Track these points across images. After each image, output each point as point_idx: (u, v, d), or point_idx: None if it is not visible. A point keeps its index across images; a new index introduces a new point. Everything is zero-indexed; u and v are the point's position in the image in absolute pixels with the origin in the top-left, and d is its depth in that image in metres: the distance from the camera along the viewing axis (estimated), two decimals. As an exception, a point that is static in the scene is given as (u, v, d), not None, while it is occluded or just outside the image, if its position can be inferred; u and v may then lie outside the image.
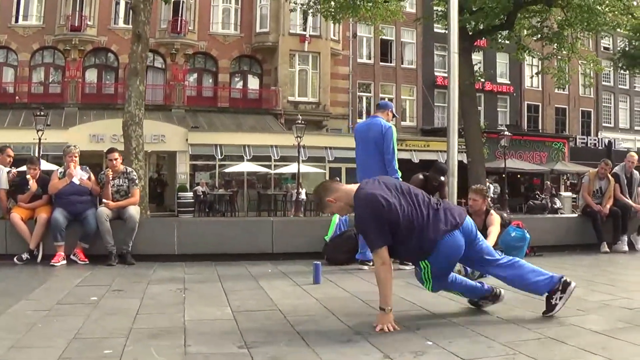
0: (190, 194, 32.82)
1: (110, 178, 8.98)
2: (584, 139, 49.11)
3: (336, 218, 9.16)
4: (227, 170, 35.04)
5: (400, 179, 6.98)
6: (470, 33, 22.49)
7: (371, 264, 8.13)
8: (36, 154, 25.13)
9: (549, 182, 39.17)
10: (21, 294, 6.11)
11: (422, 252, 4.79)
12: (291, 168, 34.19)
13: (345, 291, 6.52)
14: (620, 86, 51.71)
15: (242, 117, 37.78)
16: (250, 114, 38.20)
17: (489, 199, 8.15)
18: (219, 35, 39.02)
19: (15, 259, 8.40)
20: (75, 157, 9.15)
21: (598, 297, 6.05)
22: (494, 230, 7.90)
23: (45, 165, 27.53)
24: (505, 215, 9.40)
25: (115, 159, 9.16)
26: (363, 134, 8.61)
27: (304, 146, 31.64)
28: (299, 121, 31.42)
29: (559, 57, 25.05)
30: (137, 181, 9.36)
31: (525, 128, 47.18)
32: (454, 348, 4.09)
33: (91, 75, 37.57)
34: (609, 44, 47.48)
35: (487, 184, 26.49)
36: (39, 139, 27.21)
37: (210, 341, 4.35)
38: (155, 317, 5.18)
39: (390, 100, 42.77)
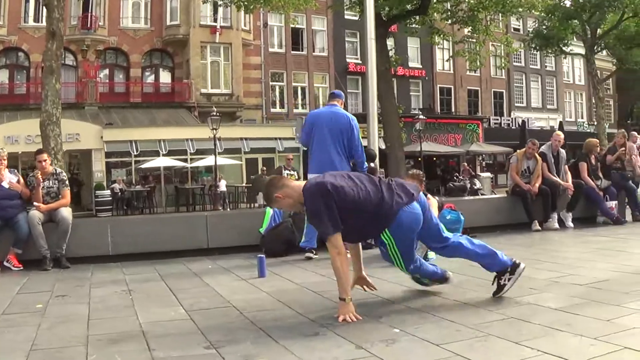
0: (108, 192, 32.11)
1: (41, 180, 8.72)
2: (497, 119, 50.36)
3: (270, 210, 9.11)
4: (143, 166, 34.52)
5: None
6: (384, 19, 22.60)
7: (314, 253, 8.18)
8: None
9: (465, 164, 39.97)
10: None
11: (382, 224, 4.83)
12: (208, 161, 33.96)
13: (294, 283, 6.51)
14: (531, 66, 53.24)
15: (155, 112, 37.29)
16: (164, 108, 37.76)
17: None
18: (129, 30, 38.31)
19: None
20: (4, 160, 8.83)
21: (545, 275, 6.19)
22: (433, 212, 7.98)
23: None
24: (437, 198, 9.54)
25: (45, 160, 8.89)
26: (330, 123, 8.33)
27: (219, 138, 31.35)
28: (214, 113, 31.21)
29: (473, 39, 25.52)
30: (67, 182, 9.11)
31: (439, 111, 48.02)
32: (423, 334, 4.13)
33: (2, 76, 36.48)
34: (519, 25, 48.75)
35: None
36: (-48, 142, 26.20)
37: (174, 344, 4.25)
38: (109, 321, 5.03)
39: (303, 88, 43.05)
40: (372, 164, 10.03)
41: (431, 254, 6.79)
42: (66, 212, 8.70)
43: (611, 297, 5.01)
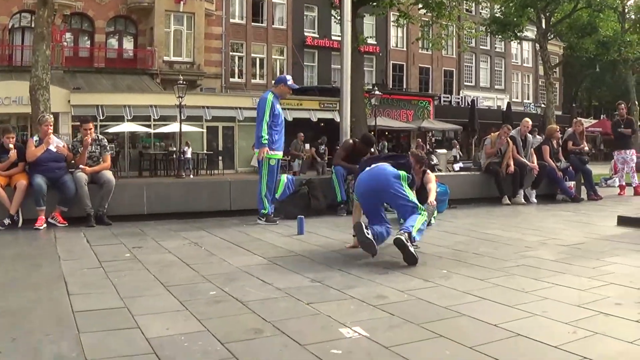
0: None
1: (89, 144, 9.77)
2: (448, 97, 52.05)
3: (284, 178, 10.38)
4: (108, 130, 35.01)
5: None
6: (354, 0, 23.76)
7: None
8: None
9: (419, 140, 41.43)
10: (48, 257, 6.76)
11: None
12: (171, 127, 34.77)
13: (332, 239, 7.82)
14: (481, 47, 54.90)
15: (119, 78, 37.76)
16: (127, 74, 38.27)
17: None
18: (95, -4, 38.66)
19: None
20: (51, 125, 9.83)
21: (533, 238, 7.80)
22: (433, 186, 9.38)
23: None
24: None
25: (90, 129, 9.92)
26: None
27: (183, 106, 32.11)
28: (180, 81, 32.05)
29: (438, 23, 26.92)
30: (107, 147, 10.21)
31: (391, 87, 49.33)
32: (467, 273, 5.66)
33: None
34: (471, 7, 50.31)
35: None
36: None
37: (281, 279, 5.46)
38: (207, 266, 6.13)
39: (261, 59, 43.93)
40: (371, 149, 11.45)
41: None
42: (110, 175, 9.82)
43: (591, 254, 6.62)
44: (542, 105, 43.53)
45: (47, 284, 5.43)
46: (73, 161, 9.88)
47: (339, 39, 13.84)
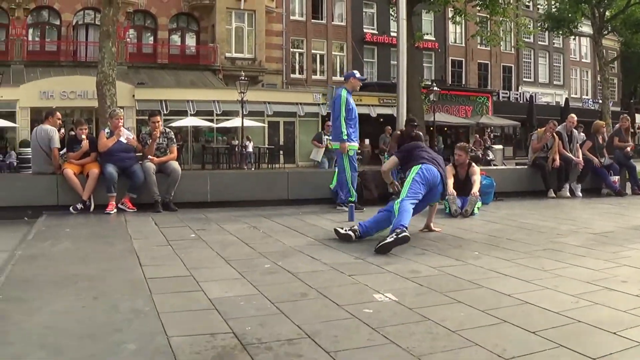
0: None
1: (157, 137, 10.58)
2: (506, 93, 51.97)
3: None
4: (172, 125, 36.02)
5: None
6: (411, -1, 24.29)
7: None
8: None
9: (477, 135, 41.57)
10: (119, 236, 7.50)
11: None
12: (233, 122, 35.67)
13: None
14: (539, 42, 54.66)
15: (182, 74, 38.98)
16: (190, 70, 39.52)
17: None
18: (157, -7, 39.87)
19: (70, 209, 9.71)
20: (122, 118, 10.71)
21: (566, 227, 8.38)
22: (477, 178, 9.99)
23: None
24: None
25: (158, 122, 10.76)
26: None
27: (245, 101, 32.92)
28: (242, 77, 32.91)
29: (492, 20, 27.23)
30: (174, 139, 11.02)
31: (450, 83, 49.60)
32: (496, 254, 6.26)
33: (35, 33, 38.05)
34: (529, 3, 50.07)
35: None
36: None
37: (330, 256, 6.17)
38: (264, 245, 6.87)
39: (321, 56, 44.54)
40: (414, 125, 12.22)
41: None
42: (176, 165, 10.61)
43: (616, 241, 7.18)
44: (600, 101, 43.21)
45: (120, 257, 6.24)
46: (142, 153, 10.65)
47: (397, 35, 14.31)
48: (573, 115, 14.14)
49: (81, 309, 4.27)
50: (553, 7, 37.48)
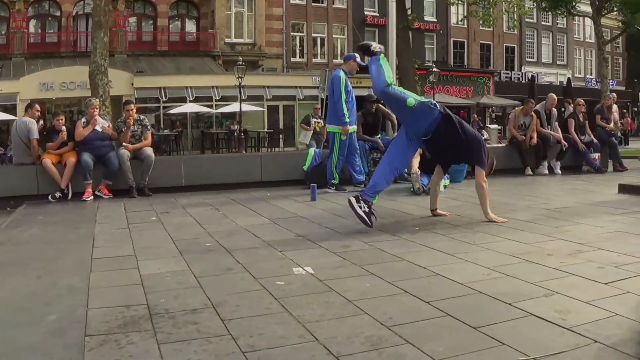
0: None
1: (131, 124, 10.82)
2: (508, 73, 51.87)
3: (312, 151, 11.27)
4: (171, 111, 36.45)
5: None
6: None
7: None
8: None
9: (475, 115, 41.67)
10: (87, 221, 7.75)
11: None
12: (232, 107, 35.89)
13: (339, 204, 8.49)
14: (543, 22, 54.43)
15: (181, 60, 39.16)
16: (190, 57, 39.67)
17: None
18: (156, -20, 39.94)
19: (49, 197, 10.00)
20: (97, 108, 10.97)
21: (524, 203, 8.53)
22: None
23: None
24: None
25: (132, 110, 11.03)
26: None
27: (244, 86, 33.04)
28: (240, 62, 32.98)
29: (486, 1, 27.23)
30: (148, 127, 11.26)
31: (452, 64, 49.56)
32: (497, 232, 6.43)
33: (35, 26, 38.30)
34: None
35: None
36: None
37: (274, 234, 6.37)
38: (216, 225, 7.10)
39: (322, 39, 44.54)
40: (374, 103, 12.11)
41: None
42: (150, 151, 10.88)
43: (565, 216, 7.26)
44: (604, 81, 42.99)
45: (78, 240, 6.54)
46: (117, 140, 10.93)
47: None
48: (553, 95, 14.20)
49: (24, 287, 4.57)
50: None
